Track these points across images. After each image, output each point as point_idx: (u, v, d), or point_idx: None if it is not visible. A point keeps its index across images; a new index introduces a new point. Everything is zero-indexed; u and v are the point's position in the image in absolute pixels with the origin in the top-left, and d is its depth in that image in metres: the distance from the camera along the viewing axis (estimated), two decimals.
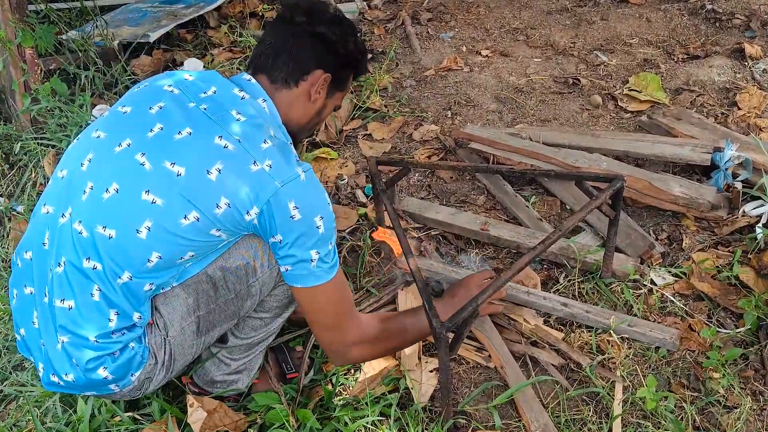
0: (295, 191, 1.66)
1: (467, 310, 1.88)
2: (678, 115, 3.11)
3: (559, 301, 2.34)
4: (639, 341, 2.24)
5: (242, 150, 1.65)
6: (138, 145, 1.68)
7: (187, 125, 1.69)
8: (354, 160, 3.22)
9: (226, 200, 1.63)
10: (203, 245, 1.69)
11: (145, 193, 1.64)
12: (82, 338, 1.69)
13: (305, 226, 1.67)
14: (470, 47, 4.11)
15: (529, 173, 2.65)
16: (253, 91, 1.81)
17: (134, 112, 1.76)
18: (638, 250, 2.53)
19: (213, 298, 1.82)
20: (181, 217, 1.63)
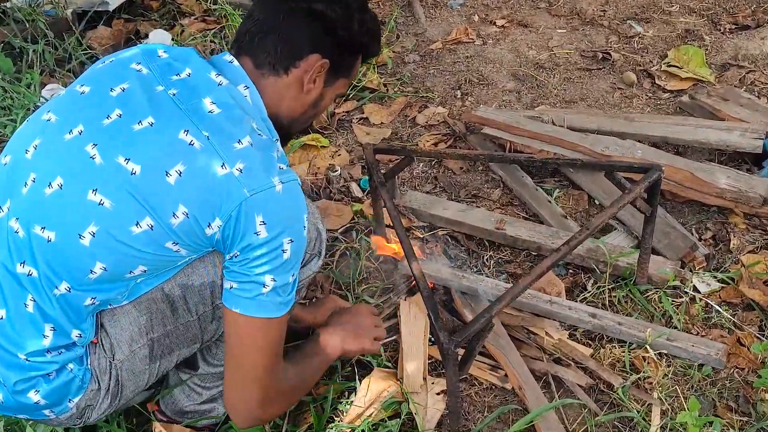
0: (265, 204, 1.58)
1: (480, 322, 1.89)
2: (725, 95, 3.11)
3: (587, 311, 2.34)
4: (679, 358, 2.24)
5: (210, 149, 1.58)
6: (90, 134, 1.63)
7: (150, 114, 1.62)
8: (348, 148, 3.24)
9: (185, 209, 1.57)
10: (157, 260, 1.65)
11: (92, 192, 1.58)
12: (11, 354, 1.66)
13: (269, 246, 1.60)
14: (483, 16, 4.12)
15: (552, 163, 2.65)
16: (234, 75, 1.73)
17: (92, 93, 1.70)
18: (679, 251, 2.54)
19: (170, 319, 1.79)
20: (132, 224, 1.57)
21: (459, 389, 1.94)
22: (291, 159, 3.10)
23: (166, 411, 2.10)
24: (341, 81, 1.90)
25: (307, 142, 3.17)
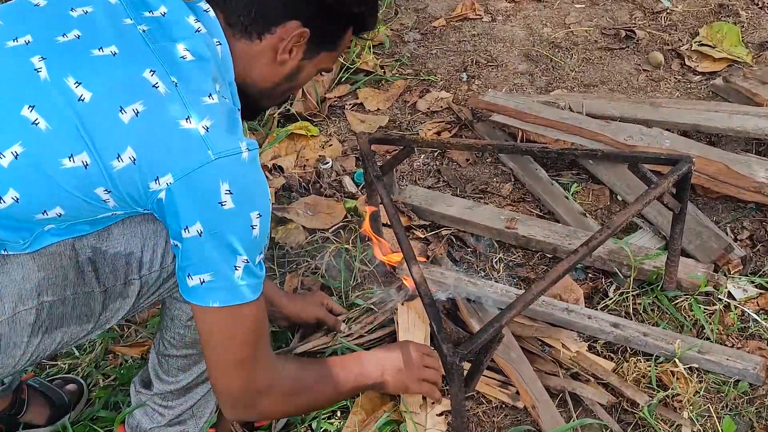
0: (233, 171, 1.57)
1: (488, 333, 1.89)
2: (763, 78, 3.11)
3: (609, 321, 2.35)
4: (713, 373, 2.25)
5: (176, 97, 1.56)
6: (39, 46, 1.59)
7: (114, 43, 1.59)
8: (340, 137, 3.25)
9: (133, 153, 1.53)
10: (79, 205, 1.60)
11: (28, 108, 1.54)
12: None
13: (238, 219, 1.59)
14: None
15: (569, 154, 2.66)
16: (211, 26, 1.69)
17: (49, 7, 1.68)
18: (711, 253, 2.54)
19: (70, 284, 1.72)
20: (65, 155, 1.53)
21: (465, 408, 1.94)
22: (276, 149, 3.11)
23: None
24: (325, 54, 1.86)
25: (295, 131, 3.18)
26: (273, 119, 3.28)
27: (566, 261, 2.04)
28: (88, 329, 1.80)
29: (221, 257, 1.60)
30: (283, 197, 2.95)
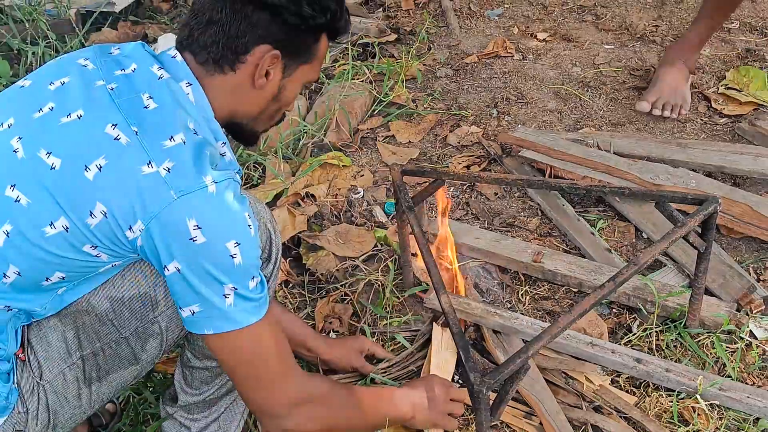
0: (198, 206, 1.57)
1: (515, 363, 1.89)
2: None
3: (632, 356, 2.34)
4: (734, 410, 2.24)
5: (137, 145, 1.57)
6: (18, 127, 1.64)
7: (81, 107, 1.63)
8: (372, 168, 3.26)
9: (103, 207, 1.56)
10: (76, 265, 1.64)
11: (10, 187, 1.59)
12: None
13: (213, 252, 1.58)
14: (523, 28, 4.15)
15: (596, 191, 2.66)
16: (176, 70, 1.72)
17: (32, 86, 1.73)
18: (734, 292, 2.54)
19: (99, 335, 1.78)
20: (46, 224, 1.57)
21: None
22: (309, 178, 3.13)
23: None
24: (304, 67, 1.85)
25: (328, 161, 3.19)
26: (307, 149, 3.30)
27: (592, 296, 2.04)
28: (137, 370, 1.88)
29: (206, 288, 1.61)
30: (314, 225, 2.97)
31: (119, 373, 1.85)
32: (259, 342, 1.70)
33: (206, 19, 1.71)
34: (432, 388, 2.14)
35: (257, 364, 1.72)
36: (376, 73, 3.73)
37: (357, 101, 3.48)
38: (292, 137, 3.33)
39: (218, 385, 2.02)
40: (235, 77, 1.75)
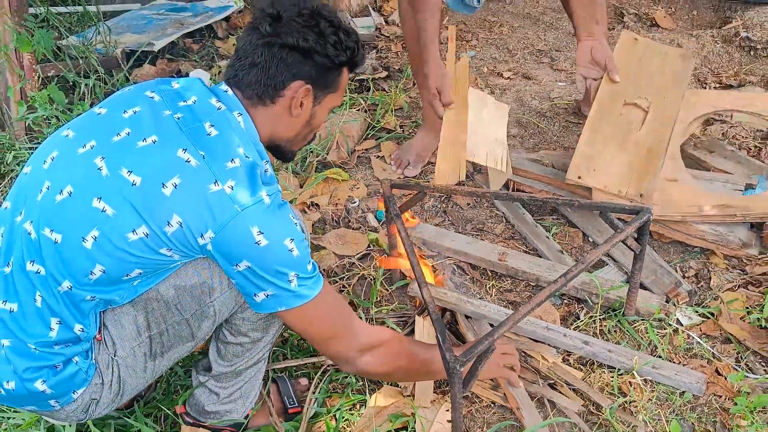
0: (259, 216, 1.62)
1: (483, 344, 1.89)
2: (710, 147, 3.12)
3: (580, 338, 2.34)
4: (663, 384, 2.24)
5: (204, 167, 1.62)
6: (100, 148, 1.67)
7: (154, 133, 1.67)
8: (366, 182, 3.25)
9: (179, 219, 1.60)
10: (152, 263, 1.67)
11: (96, 200, 1.62)
12: (22, 343, 1.68)
13: (275, 250, 1.64)
14: (492, 68, 4.15)
15: (551, 202, 2.67)
16: (229, 103, 1.78)
17: (107, 114, 1.76)
18: (664, 287, 2.54)
19: (165, 318, 1.80)
20: (129, 231, 1.61)
21: (461, 405, 1.94)
22: (314, 190, 3.13)
23: (191, 412, 2.11)
24: (330, 96, 1.91)
25: (329, 175, 3.19)
26: (312, 165, 3.29)
27: (547, 289, 2.05)
28: (191, 346, 1.92)
29: (275, 278, 1.67)
30: (318, 229, 2.96)
31: (178, 348, 1.89)
32: (323, 307, 1.77)
33: (249, 62, 1.78)
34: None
35: (325, 324, 1.81)
36: (369, 103, 3.73)
37: (354, 126, 3.48)
38: (300, 156, 3.33)
39: (247, 359, 2.02)
40: (275, 108, 1.82)
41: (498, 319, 2.39)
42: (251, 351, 2.01)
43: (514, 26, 4.59)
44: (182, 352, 1.92)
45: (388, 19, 4.68)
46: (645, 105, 2.83)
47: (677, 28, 4.37)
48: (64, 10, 4.56)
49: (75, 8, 4.57)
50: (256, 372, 2.08)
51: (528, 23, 4.61)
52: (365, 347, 1.87)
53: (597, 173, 2.73)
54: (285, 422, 2.17)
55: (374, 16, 4.64)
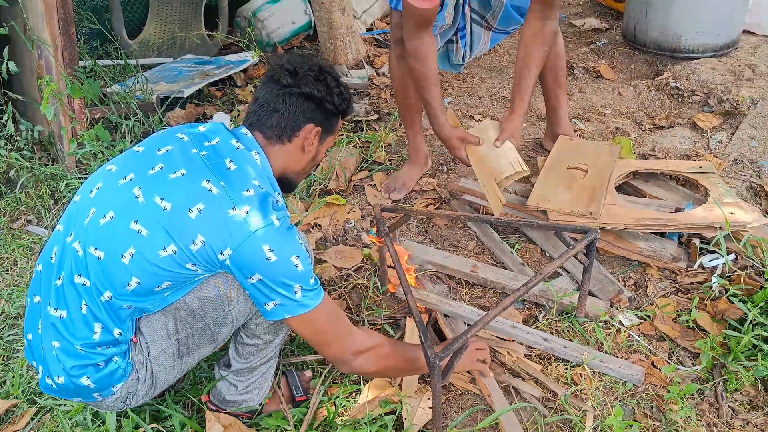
0: (269, 236, 1.63)
1: (458, 342, 1.90)
2: (646, 178, 3.13)
3: (541, 336, 2.35)
4: (608, 375, 2.25)
5: (224, 195, 1.64)
6: (138, 180, 1.70)
7: (183, 167, 1.69)
8: (360, 206, 3.25)
9: (202, 238, 1.62)
10: (179, 277, 1.68)
11: (134, 222, 1.64)
12: (70, 344, 1.70)
13: (283, 265, 1.65)
14: (465, 111, 4.17)
15: (514, 223, 2.68)
16: (248, 143, 1.80)
17: (144, 151, 1.79)
18: (608, 294, 2.55)
19: (191, 324, 1.81)
20: (161, 248, 1.63)
21: (440, 392, 1.94)
22: (317, 213, 3.13)
23: (214, 401, 2.11)
24: (329, 138, 1.95)
25: (330, 201, 3.19)
26: (315, 193, 3.30)
27: (512, 296, 2.06)
28: (213, 347, 1.92)
29: (282, 289, 1.67)
30: (320, 245, 2.96)
31: (202, 349, 1.89)
32: (323, 316, 1.76)
33: (271, 108, 1.82)
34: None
35: (325, 330, 1.80)
36: (363, 141, 3.74)
37: (350, 160, 3.49)
38: (306, 184, 3.33)
39: (260, 357, 2.02)
40: (290, 146, 1.85)
41: (472, 318, 2.40)
42: (264, 351, 2.01)
43: (483, 77, 4.61)
44: (205, 353, 1.92)
45: (379, 71, 4.70)
46: (585, 167, 2.91)
47: (618, 79, 4.41)
48: (109, 63, 4.57)
49: (118, 62, 4.58)
50: (268, 368, 2.08)
51: (495, 75, 4.64)
52: (359, 351, 1.86)
53: (551, 202, 2.75)
54: (293, 408, 2.16)
55: (367, 69, 4.66)
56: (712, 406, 2.14)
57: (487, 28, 2.98)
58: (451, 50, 3.09)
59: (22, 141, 3.54)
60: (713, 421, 2.09)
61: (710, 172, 2.97)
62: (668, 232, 2.76)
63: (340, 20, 4.54)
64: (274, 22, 4.99)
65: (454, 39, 3.02)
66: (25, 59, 3.54)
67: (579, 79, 4.47)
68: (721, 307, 2.43)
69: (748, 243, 2.57)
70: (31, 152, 3.57)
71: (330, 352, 1.85)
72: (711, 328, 2.38)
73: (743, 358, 2.23)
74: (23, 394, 2.29)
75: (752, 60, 4.29)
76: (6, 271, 2.95)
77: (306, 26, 5.14)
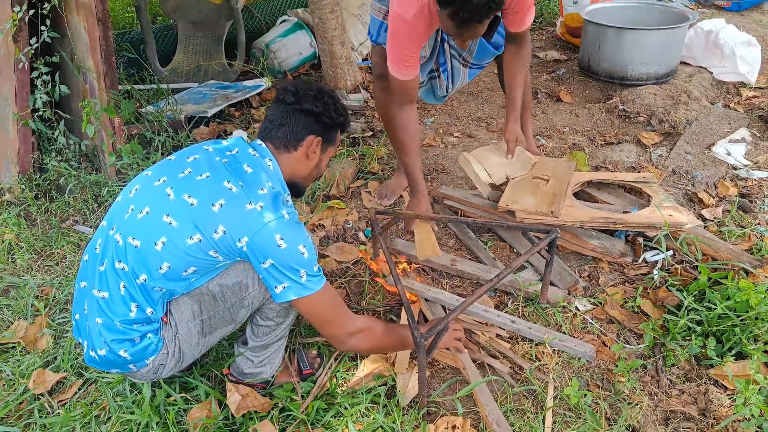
0: (280, 227, 1.64)
1: (441, 324, 1.91)
2: (599, 186, 3.15)
3: (509, 319, 2.35)
4: (566, 352, 2.26)
5: (242, 192, 1.66)
6: (170, 182, 1.71)
7: (208, 171, 1.71)
8: (357, 210, 3.25)
9: (223, 228, 1.63)
10: (203, 263, 1.69)
11: (165, 216, 1.66)
12: (111, 320, 1.72)
13: (292, 252, 1.65)
14: (445, 130, 4.18)
15: (488, 224, 2.69)
16: (262, 152, 1.82)
17: (176, 160, 1.80)
18: (566, 284, 2.56)
19: (213, 306, 1.82)
20: (188, 237, 1.64)
21: (425, 367, 1.94)
22: (321, 215, 3.13)
23: (234, 373, 2.11)
24: (331, 148, 1.96)
25: (331, 205, 3.19)
26: (319, 198, 3.30)
27: (485, 285, 2.07)
28: (232, 327, 1.92)
29: (290, 273, 1.67)
30: (323, 242, 2.96)
31: (222, 329, 1.89)
32: (324, 299, 1.76)
33: (278, 123, 1.84)
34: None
35: (325, 312, 1.79)
36: (360, 154, 3.74)
37: (349, 170, 3.49)
38: (311, 191, 3.33)
39: (273, 336, 2.02)
40: (296, 154, 1.85)
41: (452, 304, 2.41)
42: (276, 331, 2.01)
43: (461, 100, 4.62)
44: (226, 332, 1.92)
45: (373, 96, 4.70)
46: (546, 177, 2.92)
47: (575, 102, 4.42)
48: (143, 87, 4.56)
49: (151, 86, 4.57)
50: (279, 345, 2.09)
51: (471, 98, 4.65)
52: (353, 332, 1.86)
53: (519, 204, 2.76)
54: (301, 381, 2.17)
55: (363, 93, 4.66)
56: (654, 379, 2.16)
57: (465, 65, 2.99)
58: (435, 85, 3.08)
59: (71, 153, 3.52)
60: (654, 391, 2.11)
61: (652, 182, 2.99)
62: (617, 231, 2.78)
63: (340, 51, 4.55)
64: (284, 53, 4.98)
65: (437, 74, 3.01)
66: (72, 83, 3.53)
67: (542, 102, 4.48)
68: (661, 295, 2.44)
69: (684, 241, 2.59)
70: (78, 163, 3.55)
71: (328, 332, 1.84)
72: (652, 313, 2.40)
73: (680, 338, 2.25)
74: (71, 368, 2.29)
75: (688, 87, 4.32)
76: (56, 264, 2.94)
77: (311, 56, 5.14)
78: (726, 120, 3.91)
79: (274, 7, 5.71)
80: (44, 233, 3.15)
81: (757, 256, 2.58)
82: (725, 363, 2.10)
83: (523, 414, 2.03)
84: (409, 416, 1.98)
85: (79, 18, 3.37)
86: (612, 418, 2.01)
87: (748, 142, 3.68)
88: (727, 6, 6.15)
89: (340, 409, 2.02)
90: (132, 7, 6.51)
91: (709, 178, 3.30)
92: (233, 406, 1.99)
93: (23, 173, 3.44)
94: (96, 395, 2.17)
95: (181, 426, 2.00)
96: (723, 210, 3.00)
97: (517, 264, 2.18)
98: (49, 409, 2.14)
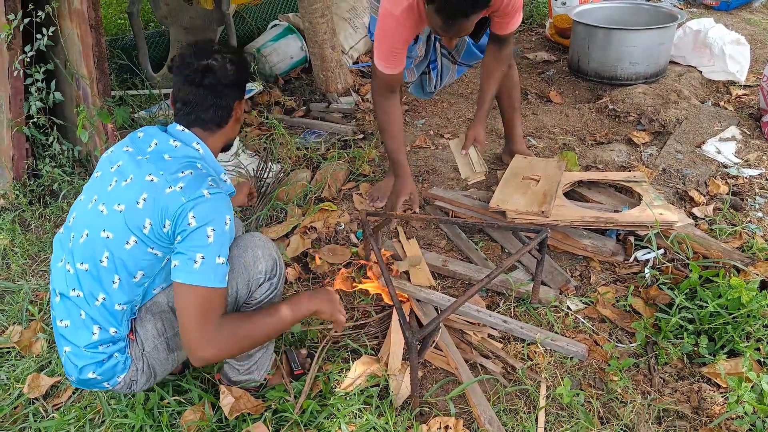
0: (196, 205, 1.59)
1: (433, 324, 1.89)
2: (589, 186, 3.15)
3: (501, 319, 2.34)
4: (558, 352, 2.25)
5: (162, 179, 1.63)
6: (101, 198, 1.71)
7: (132, 173, 1.68)
8: (349, 212, 3.23)
9: (150, 220, 1.62)
10: (148, 264, 1.68)
11: (102, 231, 1.67)
12: (76, 347, 1.73)
13: (197, 232, 1.59)
14: (436, 131, 4.17)
15: (478, 225, 2.68)
16: (186, 138, 1.74)
17: (101, 175, 1.78)
18: (558, 283, 2.55)
19: (173, 324, 1.82)
20: (125, 243, 1.65)
21: (417, 368, 1.93)
22: (313, 218, 3.11)
23: (224, 379, 2.09)
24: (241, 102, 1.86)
25: (323, 207, 3.17)
26: (311, 200, 3.28)
27: (476, 285, 2.05)
28: None
29: (188, 252, 1.61)
30: (315, 244, 2.94)
31: None
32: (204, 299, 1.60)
33: (207, 105, 1.75)
34: (332, 293, 1.93)
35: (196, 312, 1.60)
36: (351, 156, 3.73)
37: (340, 172, 3.48)
38: (303, 194, 3.31)
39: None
40: (228, 127, 1.83)
41: (443, 304, 2.39)
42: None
43: (451, 102, 4.61)
44: None
45: (364, 98, 4.69)
46: (537, 178, 2.91)
47: (565, 103, 4.42)
48: (136, 92, 4.53)
49: (144, 91, 4.54)
50: (264, 351, 2.06)
51: (461, 100, 4.64)
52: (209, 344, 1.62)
53: (510, 204, 2.75)
54: (293, 381, 2.15)
55: (354, 96, 4.65)
56: (646, 377, 2.15)
57: (453, 62, 3.03)
58: (425, 80, 3.12)
59: (64, 159, 3.50)
60: (647, 390, 2.09)
61: (642, 181, 2.98)
62: (608, 230, 2.77)
63: (330, 55, 4.54)
64: (275, 58, 4.97)
65: (427, 70, 3.06)
66: (66, 90, 3.51)
67: (532, 103, 4.48)
68: (652, 293, 2.43)
69: (675, 240, 2.58)
70: (72, 168, 3.53)
71: (187, 335, 1.61)
72: (644, 312, 2.39)
73: (672, 336, 2.24)
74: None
75: (677, 86, 4.32)
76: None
77: (302, 60, 5.12)
78: (716, 118, 3.91)
79: (265, 12, 5.69)
80: (38, 238, 3.14)
81: (748, 253, 2.57)
82: (718, 361, 2.09)
83: (516, 414, 2.02)
84: (402, 417, 1.97)
85: (72, 25, 3.35)
86: (605, 417, 2.00)
87: (738, 140, 3.68)
88: (715, 5, 6.17)
89: (333, 411, 2.00)
90: (124, 13, 6.48)
91: (699, 176, 3.30)
92: (226, 408, 1.97)
93: (18, 179, 3.42)
94: (90, 399, 2.15)
95: (175, 429, 1.98)
96: (714, 208, 2.99)
97: (508, 264, 2.17)
98: (44, 413, 2.13)
